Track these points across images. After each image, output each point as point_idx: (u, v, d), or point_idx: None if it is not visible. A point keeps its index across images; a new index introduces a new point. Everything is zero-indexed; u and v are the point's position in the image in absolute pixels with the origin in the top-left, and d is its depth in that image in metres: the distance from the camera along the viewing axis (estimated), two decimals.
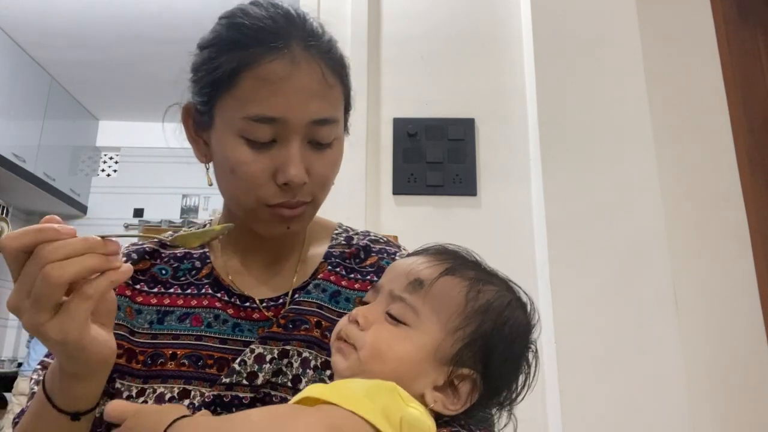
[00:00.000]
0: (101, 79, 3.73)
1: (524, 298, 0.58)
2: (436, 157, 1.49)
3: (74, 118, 4.11)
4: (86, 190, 4.27)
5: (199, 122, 0.71)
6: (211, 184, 0.73)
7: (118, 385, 0.67)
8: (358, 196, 1.44)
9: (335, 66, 0.68)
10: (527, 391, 0.56)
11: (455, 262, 0.57)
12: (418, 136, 1.51)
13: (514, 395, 0.55)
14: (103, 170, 4.40)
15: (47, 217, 0.51)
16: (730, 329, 1.32)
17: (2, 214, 3.50)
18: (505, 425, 0.57)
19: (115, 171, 4.40)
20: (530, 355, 0.56)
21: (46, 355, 0.71)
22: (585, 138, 1.41)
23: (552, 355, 1.27)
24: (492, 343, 0.53)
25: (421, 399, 0.51)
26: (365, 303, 0.58)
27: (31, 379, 0.69)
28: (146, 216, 4.19)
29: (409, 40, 1.60)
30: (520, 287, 0.58)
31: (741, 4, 1.54)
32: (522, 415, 0.58)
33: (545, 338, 1.31)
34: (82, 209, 4.20)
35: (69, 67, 3.62)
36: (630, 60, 1.45)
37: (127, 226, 4.08)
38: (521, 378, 0.56)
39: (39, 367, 0.69)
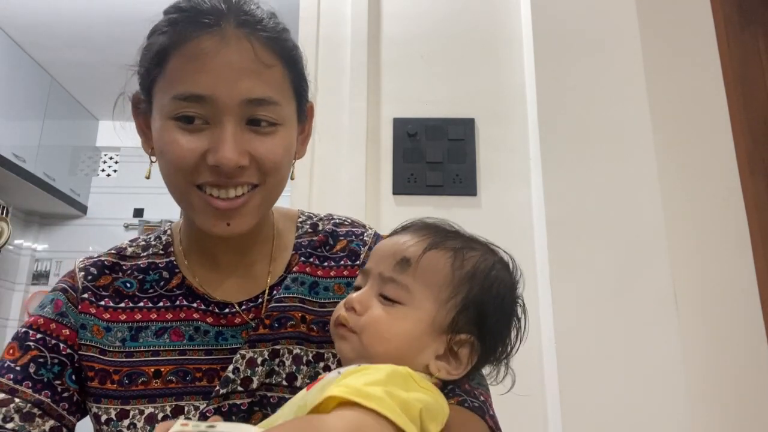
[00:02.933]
0: (101, 79, 3.72)
1: (505, 258, 0.61)
2: (436, 157, 1.49)
3: (74, 118, 4.10)
4: (86, 190, 4.27)
5: (144, 112, 0.68)
6: (148, 177, 0.70)
7: (95, 410, 0.64)
8: (358, 196, 1.43)
9: (276, 48, 0.64)
10: (520, 344, 0.59)
11: (437, 235, 0.59)
12: (418, 136, 1.51)
13: (509, 349, 0.58)
14: (103, 170, 4.40)
15: None
16: (730, 329, 1.32)
17: (2, 214, 3.50)
18: (503, 378, 0.59)
19: (115, 171, 4.40)
20: (519, 310, 0.59)
21: None
22: (585, 138, 1.41)
23: (552, 355, 1.27)
24: (483, 306, 0.55)
25: (426, 370, 0.53)
26: (357, 288, 0.59)
27: None
28: (146, 216, 4.18)
29: (409, 40, 1.60)
30: (499, 247, 0.61)
31: (741, 5, 1.54)
32: (522, 414, 0.59)
33: (545, 338, 1.31)
34: (82, 209, 4.19)
35: (69, 67, 3.61)
36: (630, 60, 1.44)
37: (127, 226, 4.08)
38: (513, 332, 0.58)
39: None
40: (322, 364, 0.68)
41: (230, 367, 0.65)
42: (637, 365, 1.24)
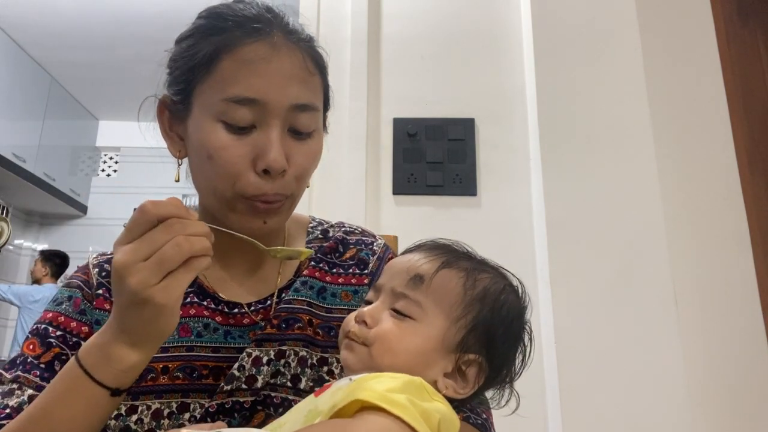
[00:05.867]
0: (101, 79, 3.73)
1: (515, 282, 0.61)
2: (436, 157, 1.49)
3: (74, 118, 4.11)
4: (86, 190, 4.27)
5: (174, 113, 0.69)
6: (177, 180, 0.71)
7: None
8: (358, 196, 1.44)
9: (315, 57, 0.68)
10: (525, 369, 0.59)
11: (449, 255, 0.60)
12: (418, 136, 1.51)
13: (513, 373, 0.59)
14: (103, 170, 4.41)
15: (173, 198, 0.55)
16: (730, 329, 1.32)
17: (2, 214, 3.50)
18: (506, 402, 0.60)
19: (115, 171, 4.41)
20: (526, 335, 0.59)
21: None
22: (585, 138, 1.41)
23: (552, 355, 1.27)
24: (492, 327, 0.56)
25: (434, 386, 0.53)
26: (368, 302, 0.60)
27: None
28: None
29: (409, 40, 1.60)
30: (510, 272, 0.62)
31: (741, 5, 1.54)
32: (522, 414, 0.59)
33: (545, 338, 1.31)
34: (82, 209, 4.20)
35: (69, 67, 3.62)
36: (630, 60, 1.45)
37: None
38: (519, 357, 0.59)
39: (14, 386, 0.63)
40: (325, 368, 0.69)
41: (236, 365, 0.66)
42: (637, 365, 1.24)
